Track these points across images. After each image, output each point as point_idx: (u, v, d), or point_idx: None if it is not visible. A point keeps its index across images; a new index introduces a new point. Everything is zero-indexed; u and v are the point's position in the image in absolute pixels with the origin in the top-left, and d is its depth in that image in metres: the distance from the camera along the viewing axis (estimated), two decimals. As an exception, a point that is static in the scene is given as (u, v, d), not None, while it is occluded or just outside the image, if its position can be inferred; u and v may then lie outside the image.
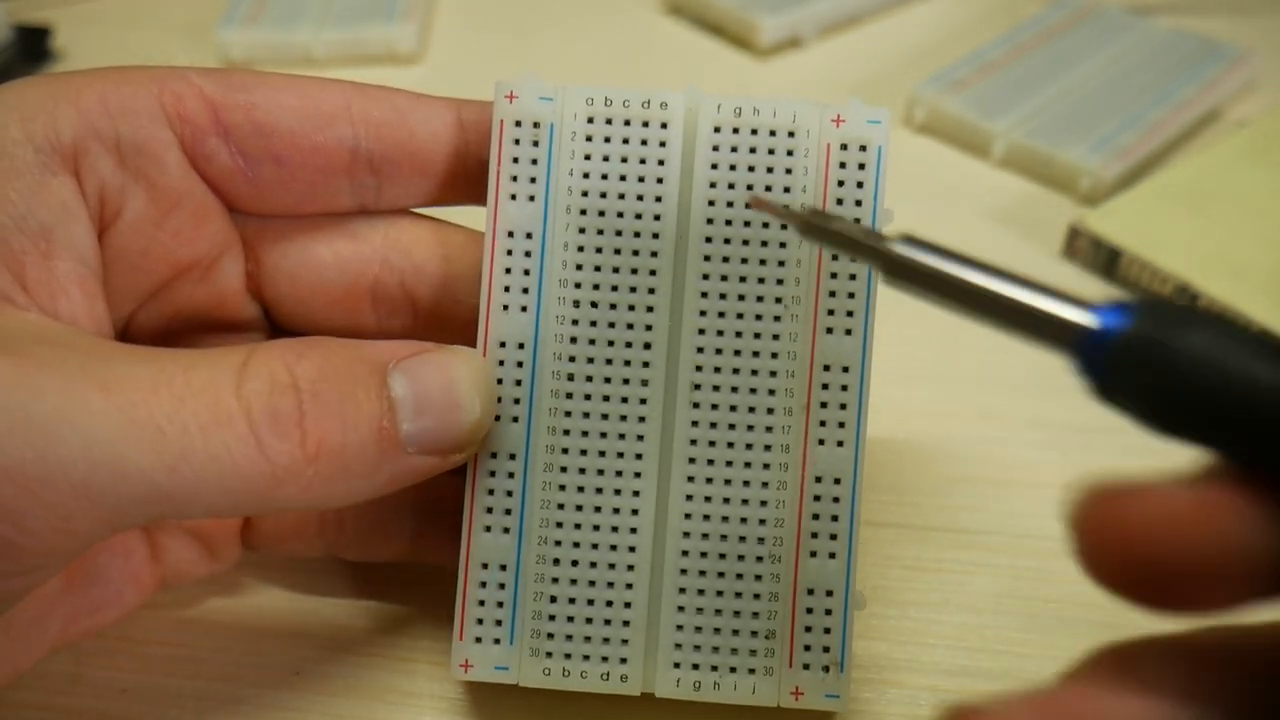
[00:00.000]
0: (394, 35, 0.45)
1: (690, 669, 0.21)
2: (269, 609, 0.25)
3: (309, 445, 0.18)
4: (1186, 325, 0.13)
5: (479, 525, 0.21)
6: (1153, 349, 0.13)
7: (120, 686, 0.23)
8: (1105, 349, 0.13)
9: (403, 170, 0.22)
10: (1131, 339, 0.13)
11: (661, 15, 0.49)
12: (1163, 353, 0.13)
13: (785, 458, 0.21)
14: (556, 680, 0.21)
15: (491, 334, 0.21)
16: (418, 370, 0.19)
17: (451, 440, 0.19)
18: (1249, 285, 0.32)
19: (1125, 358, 0.13)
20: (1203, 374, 0.13)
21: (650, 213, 0.21)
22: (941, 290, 0.15)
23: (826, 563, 0.21)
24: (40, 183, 0.19)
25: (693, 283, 0.21)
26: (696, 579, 0.21)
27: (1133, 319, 0.13)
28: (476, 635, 0.21)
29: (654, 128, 0.21)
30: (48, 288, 0.19)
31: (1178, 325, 0.13)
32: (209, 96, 0.21)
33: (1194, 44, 0.44)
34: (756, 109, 0.21)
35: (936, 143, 0.42)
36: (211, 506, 0.17)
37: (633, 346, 0.21)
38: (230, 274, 0.22)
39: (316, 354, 0.18)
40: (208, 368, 0.17)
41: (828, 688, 0.21)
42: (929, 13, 0.49)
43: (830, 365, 0.21)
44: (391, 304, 0.23)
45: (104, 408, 0.16)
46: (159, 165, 0.21)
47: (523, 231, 0.21)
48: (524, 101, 0.21)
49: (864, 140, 0.21)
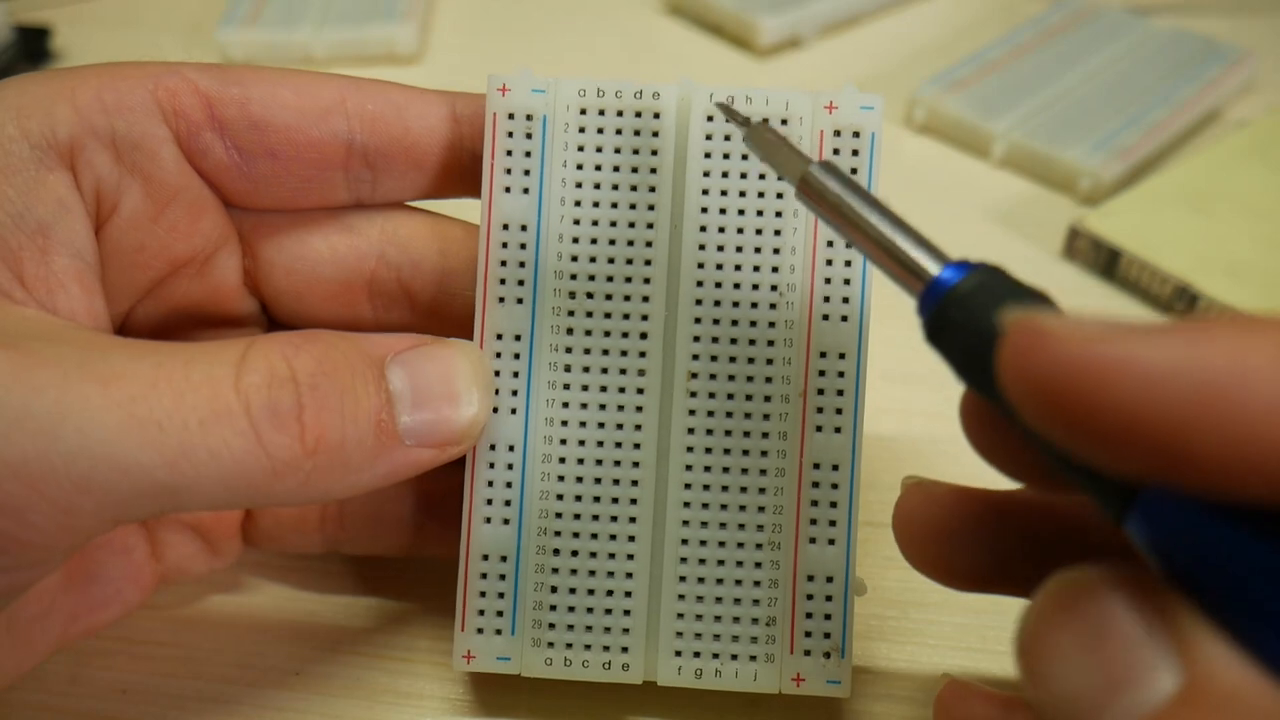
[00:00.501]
0: (394, 35, 0.45)
1: (692, 657, 0.21)
2: (269, 609, 0.25)
3: (308, 439, 0.18)
4: (1002, 293, 0.15)
5: (479, 517, 0.21)
6: (965, 305, 0.15)
7: (120, 687, 0.23)
8: (935, 297, 0.15)
9: (398, 164, 0.22)
10: (954, 293, 0.15)
11: (661, 15, 0.49)
12: (969, 310, 0.15)
13: (783, 445, 0.21)
14: (558, 670, 0.21)
15: (488, 326, 0.21)
16: (416, 363, 0.19)
17: (450, 433, 0.19)
18: (1249, 285, 0.32)
19: (946, 308, 0.15)
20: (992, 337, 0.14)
21: (644, 203, 0.21)
22: (832, 213, 0.17)
23: (826, 549, 0.21)
24: (37, 179, 0.19)
25: (688, 272, 0.21)
26: (696, 567, 0.21)
27: (964, 277, 0.15)
28: (478, 626, 0.21)
29: (646, 118, 0.21)
30: (46, 283, 0.19)
31: (994, 291, 0.15)
32: (204, 91, 0.21)
33: (1194, 44, 0.44)
34: (749, 98, 0.21)
35: (936, 143, 0.42)
36: (211, 500, 0.17)
37: (629, 337, 0.21)
38: (227, 269, 0.22)
39: (314, 347, 0.18)
40: (206, 362, 0.17)
41: (829, 674, 0.21)
42: (929, 13, 0.49)
43: (826, 352, 0.21)
44: (388, 298, 0.23)
45: (104, 403, 0.16)
46: (155, 160, 0.21)
47: (517, 223, 0.21)
48: (516, 94, 0.21)
49: (857, 127, 0.21)
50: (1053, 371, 0.12)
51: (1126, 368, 0.12)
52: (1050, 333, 0.12)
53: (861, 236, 0.16)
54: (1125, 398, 0.12)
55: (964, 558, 0.19)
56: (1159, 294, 0.33)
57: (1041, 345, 0.12)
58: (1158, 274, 0.33)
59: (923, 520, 0.19)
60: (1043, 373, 0.12)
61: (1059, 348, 0.12)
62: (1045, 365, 0.12)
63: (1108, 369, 0.12)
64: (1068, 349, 0.12)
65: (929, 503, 0.19)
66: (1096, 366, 0.12)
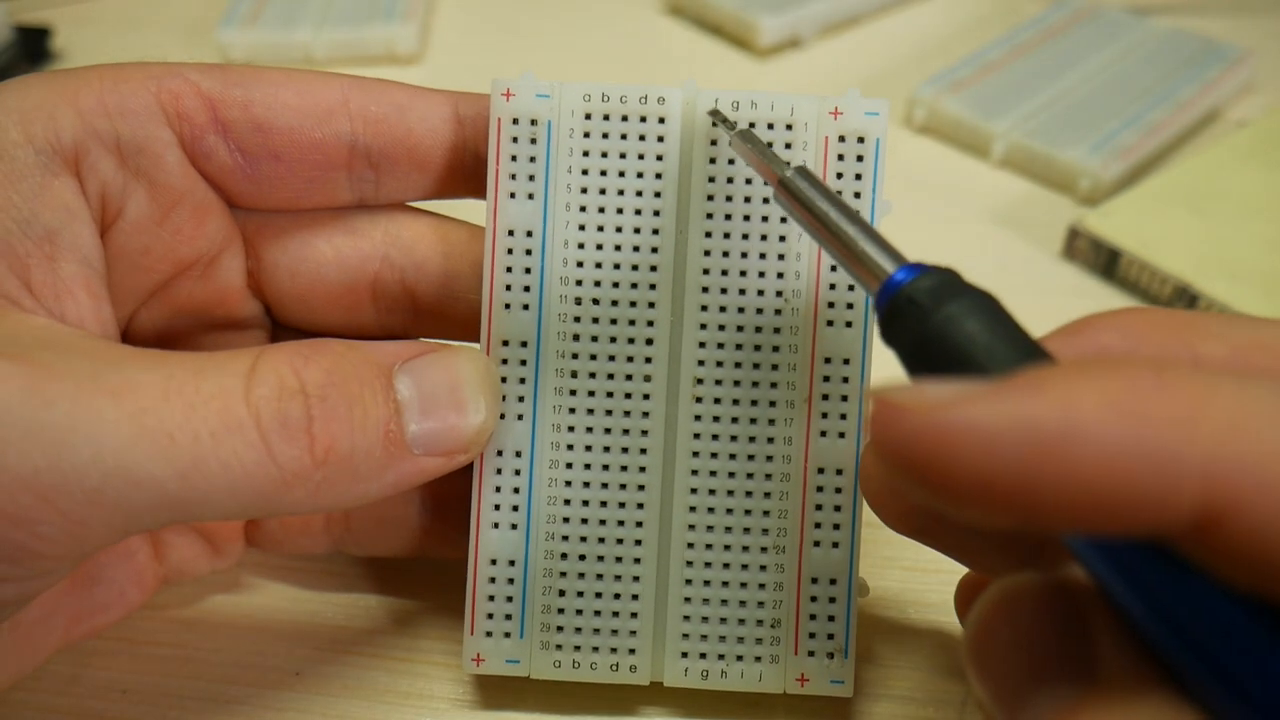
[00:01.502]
0: (394, 35, 0.45)
1: (698, 658, 0.21)
2: (269, 609, 0.25)
3: (317, 450, 0.18)
4: (950, 295, 0.15)
5: (487, 522, 0.21)
6: (914, 305, 0.15)
7: (121, 687, 0.23)
8: (888, 296, 0.16)
9: (401, 165, 0.22)
10: (905, 293, 0.16)
11: (661, 15, 0.49)
12: (918, 310, 0.15)
13: (788, 450, 0.21)
14: (567, 672, 0.21)
15: (494, 333, 0.21)
16: (423, 371, 0.19)
17: (457, 441, 0.19)
18: (1248, 286, 0.32)
19: (896, 307, 0.16)
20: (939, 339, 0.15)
21: (650, 208, 0.21)
22: (804, 214, 0.18)
23: (830, 552, 0.21)
24: (42, 185, 0.19)
25: (694, 277, 0.21)
26: (702, 570, 0.21)
27: (914, 278, 0.16)
28: (487, 630, 0.21)
29: (651, 123, 0.21)
30: (53, 290, 0.19)
31: (941, 294, 0.15)
32: (206, 93, 0.21)
33: (1194, 44, 0.44)
34: (754, 102, 0.21)
35: (936, 143, 0.42)
36: (222, 511, 0.18)
37: (635, 343, 0.21)
38: (231, 271, 0.22)
39: (323, 358, 0.18)
40: (216, 374, 0.17)
41: (833, 674, 0.21)
42: (929, 13, 0.49)
43: (831, 358, 0.21)
44: (392, 300, 0.23)
45: (115, 415, 0.16)
46: (159, 164, 0.21)
47: (523, 229, 0.21)
48: (521, 99, 0.21)
49: (862, 132, 0.21)
50: (907, 442, 0.13)
51: (968, 431, 0.12)
52: (902, 405, 0.13)
53: (828, 236, 0.18)
54: (971, 460, 0.12)
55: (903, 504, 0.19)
56: (1159, 294, 0.33)
57: (897, 418, 0.13)
58: (1157, 274, 0.33)
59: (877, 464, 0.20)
60: (899, 443, 0.13)
61: (910, 419, 0.13)
62: (901, 437, 0.13)
63: (952, 434, 0.13)
64: (916, 419, 0.13)
65: None
66: (943, 433, 0.13)
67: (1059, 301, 0.34)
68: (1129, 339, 0.16)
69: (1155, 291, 0.33)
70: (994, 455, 0.12)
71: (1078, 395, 0.12)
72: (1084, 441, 0.12)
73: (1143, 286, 0.34)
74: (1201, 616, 0.13)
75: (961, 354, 0.15)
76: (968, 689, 0.23)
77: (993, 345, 0.15)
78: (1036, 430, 0.12)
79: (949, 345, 0.15)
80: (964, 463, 0.12)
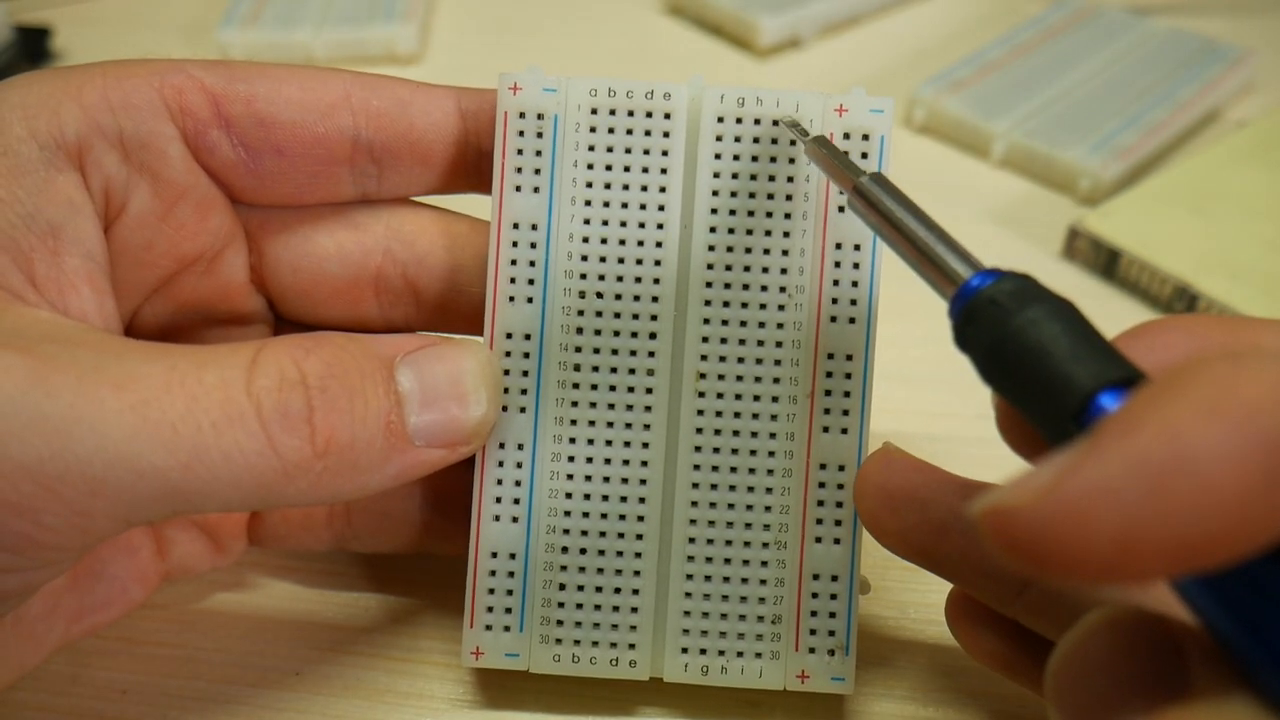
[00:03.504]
0: (394, 35, 0.45)
1: (698, 654, 0.21)
2: (269, 608, 0.25)
3: (318, 441, 0.18)
4: (1029, 301, 0.15)
5: (488, 515, 0.21)
6: (995, 306, 0.15)
7: (121, 687, 0.23)
8: (963, 301, 0.16)
9: (403, 159, 0.22)
10: (985, 295, 0.15)
11: (661, 15, 0.49)
12: (999, 312, 0.15)
13: (790, 445, 0.21)
14: (566, 666, 0.21)
15: (498, 325, 0.21)
16: (424, 364, 0.19)
17: (459, 433, 0.20)
18: (1249, 286, 0.32)
19: (975, 309, 0.16)
20: (1018, 342, 0.15)
21: (655, 203, 0.21)
22: (879, 220, 0.18)
23: (831, 548, 0.21)
24: (46, 180, 0.19)
25: (697, 273, 0.21)
26: (703, 565, 0.21)
27: (995, 282, 0.15)
28: (487, 623, 0.21)
29: (657, 118, 0.21)
30: (57, 285, 0.19)
31: (1022, 298, 0.15)
32: (209, 89, 0.21)
33: (1194, 44, 0.44)
34: (760, 99, 0.21)
35: (936, 143, 0.42)
36: (224, 502, 0.18)
37: (638, 336, 0.21)
38: (234, 266, 0.22)
39: (324, 350, 0.18)
40: (218, 365, 0.17)
41: (833, 671, 0.21)
42: (929, 13, 0.49)
43: (834, 353, 0.21)
44: (394, 294, 0.23)
45: (118, 406, 0.16)
46: (162, 159, 0.21)
47: (528, 223, 0.21)
48: (528, 93, 0.21)
49: (867, 129, 0.21)
50: (1034, 540, 0.12)
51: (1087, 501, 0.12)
52: (1011, 507, 0.12)
53: (903, 242, 0.18)
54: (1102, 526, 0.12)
55: (898, 522, 0.20)
56: (1159, 294, 0.33)
57: (1012, 523, 0.12)
58: (1157, 274, 0.33)
59: (875, 479, 0.20)
60: (1028, 545, 0.12)
61: (1026, 517, 0.12)
62: (1028, 538, 0.12)
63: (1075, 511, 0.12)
64: (1032, 514, 0.12)
65: (887, 465, 0.20)
66: (1065, 515, 0.12)
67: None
68: (1192, 337, 0.16)
69: (1155, 291, 0.34)
70: (1123, 510, 0.12)
71: (1175, 416, 0.12)
72: (1202, 459, 0.12)
73: (1143, 286, 0.34)
74: None
75: (1043, 356, 0.14)
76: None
77: (1074, 348, 0.14)
78: (1154, 466, 0.12)
79: (1030, 348, 0.15)
80: (1098, 531, 0.12)
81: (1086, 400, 0.14)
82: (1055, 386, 0.14)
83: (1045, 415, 0.14)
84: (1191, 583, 0.13)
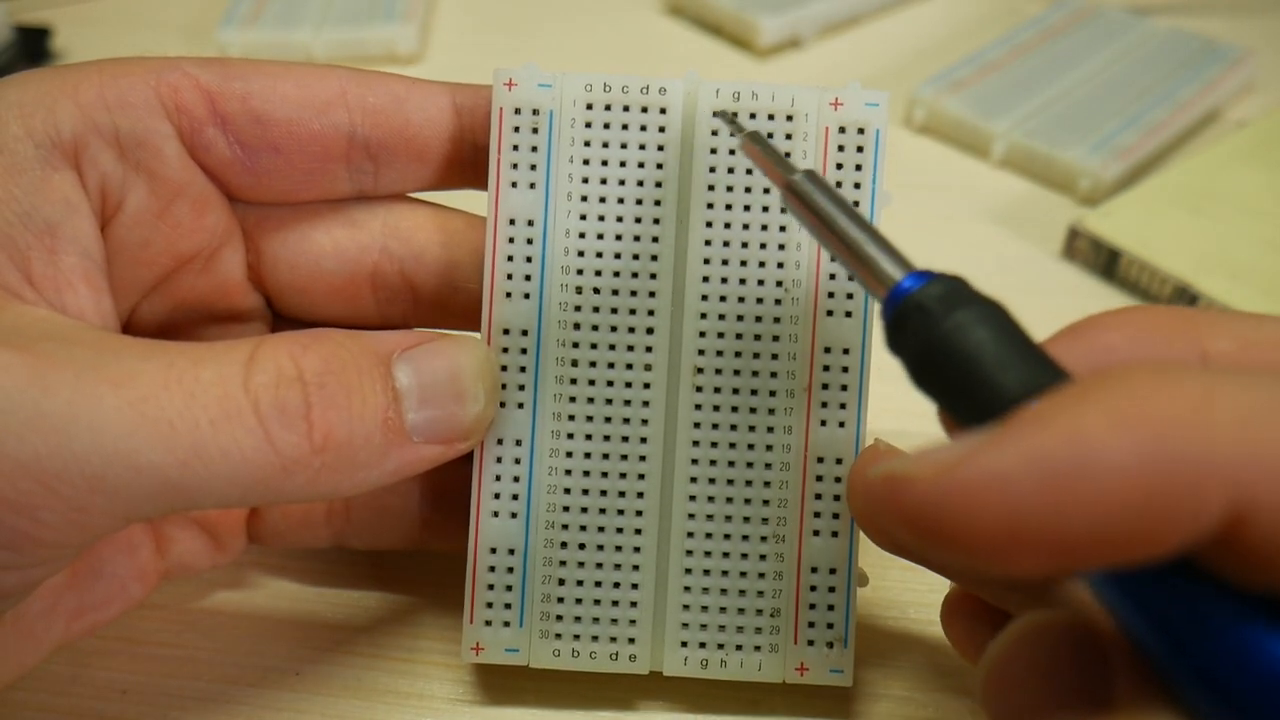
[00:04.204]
0: (394, 35, 0.45)
1: (697, 647, 0.21)
2: (269, 607, 0.25)
3: (316, 437, 0.18)
4: (959, 303, 0.15)
5: (486, 511, 0.21)
6: (922, 312, 0.15)
7: (120, 687, 0.23)
8: (895, 303, 0.16)
9: (399, 156, 0.22)
10: (913, 300, 0.15)
11: (661, 15, 0.49)
12: (926, 317, 0.15)
13: (787, 439, 0.21)
14: (566, 661, 0.21)
15: (495, 321, 0.21)
16: (422, 360, 0.19)
17: (457, 429, 0.20)
18: (1248, 286, 0.32)
19: (904, 314, 0.16)
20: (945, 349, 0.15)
21: (651, 198, 0.21)
22: (812, 219, 0.18)
23: (829, 541, 0.21)
24: (43, 178, 0.19)
25: (694, 267, 0.21)
26: (702, 559, 0.21)
27: (924, 285, 0.15)
28: (486, 619, 0.21)
29: (653, 113, 0.21)
30: (54, 283, 0.19)
31: (950, 303, 0.15)
32: (205, 86, 0.21)
33: (1194, 44, 0.44)
34: (755, 93, 0.21)
35: (936, 143, 0.42)
36: (222, 498, 0.18)
37: (636, 331, 0.21)
38: (231, 264, 0.23)
39: (321, 346, 0.18)
40: (215, 362, 0.17)
41: (832, 663, 0.21)
42: (929, 13, 0.49)
43: (831, 347, 0.21)
44: (392, 290, 0.23)
45: (116, 403, 0.16)
46: (159, 157, 0.21)
47: (524, 219, 0.21)
48: (523, 89, 0.21)
49: (862, 123, 0.21)
50: (924, 510, 0.13)
51: (981, 485, 0.12)
52: (909, 476, 0.13)
53: (835, 241, 0.17)
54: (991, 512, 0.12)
55: None
56: (1159, 294, 0.33)
57: (906, 490, 0.13)
58: (1157, 274, 0.33)
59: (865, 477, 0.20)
60: (916, 513, 0.13)
61: (920, 488, 0.13)
62: (916, 506, 0.13)
63: (967, 491, 0.12)
64: (927, 486, 0.13)
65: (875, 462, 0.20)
66: (957, 493, 0.12)
67: (1059, 301, 0.34)
68: (1133, 339, 0.16)
69: (1155, 291, 0.33)
70: (1013, 501, 0.12)
71: (1083, 420, 0.12)
72: (1101, 466, 0.12)
73: (1143, 286, 0.34)
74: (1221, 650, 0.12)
75: (970, 362, 0.15)
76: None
77: (1001, 354, 0.14)
78: (1051, 465, 0.12)
79: (957, 353, 0.15)
80: (985, 516, 0.12)
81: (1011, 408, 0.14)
82: (982, 394, 0.14)
83: (974, 421, 0.14)
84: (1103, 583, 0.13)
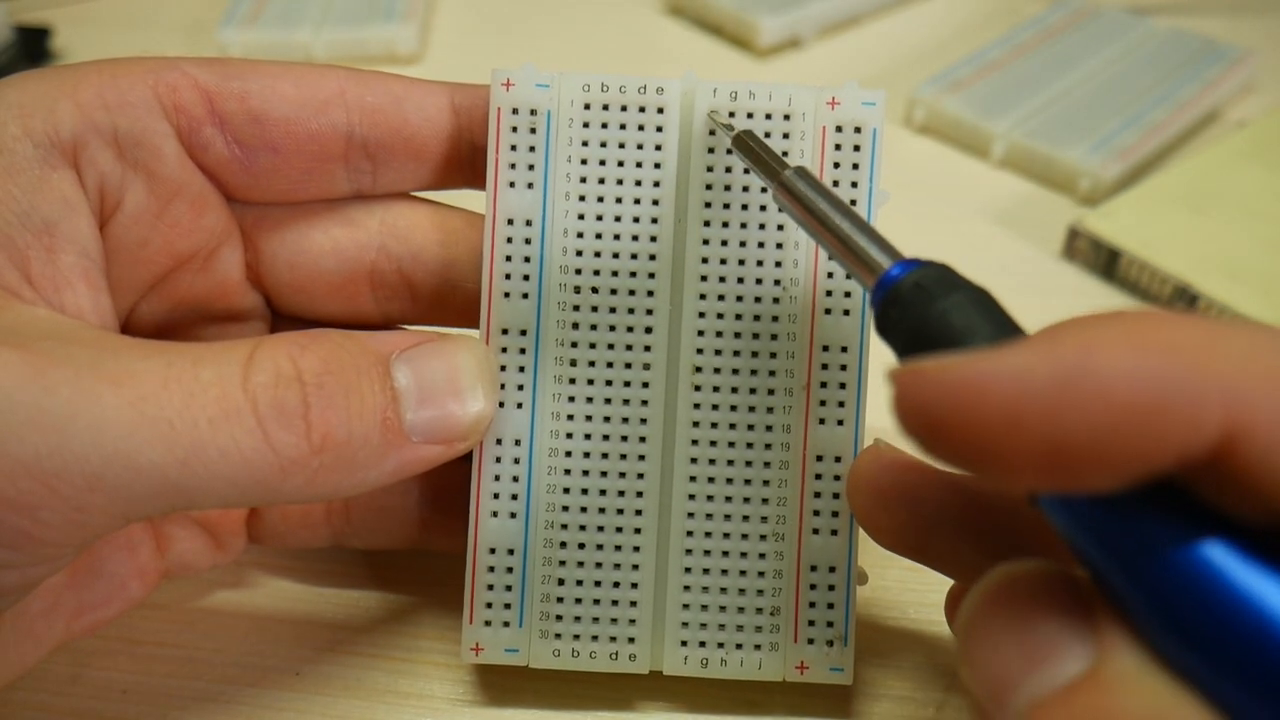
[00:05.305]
0: (394, 35, 0.45)
1: (697, 646, 0.21)
2: (269, 607, 0.25)
3: (314, 437, 0.18)
4: (948, 288, 0.15)
5: (486, 511, 0.21)
6: (912, 296, 0.16)
7: (121, 687, 0.23)
8: (883, 291, 0.16)
9: (398, 155, 0.22)
10: (903, 284, 0.16)
11: (661, 15, 0.49)
12: (916, 302, 0.16)
13: (786, 437, 0.21)
14: (566, 661, 0.21)
15: (494, 321, 0.21)
16: (420, 360, 0.19)
17: (456, 429, 0.20)
18: (1248, 286, 0.32)
19: (894, 298, 0.16)
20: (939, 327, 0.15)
21: (649, 197, 0.21)
22: (802, 213, 0.18)
23: (829, 540, 0.21)
24: (41, 178, 0.19)
25: (693, 266, 0.21)
26: (701, 558, 0.21)
27: (913, 271, 0.16)
28: (486, 619, 0.21)
29: (651, 113, 0.21)
30: (53, 282, 0.19)
31: (944, 285, 0.15)
32: (203, 86, 0.21)
33: (1194, 44, 0.44)
34: (752, 93, 0.21)
35: (936, 143, 0.42)
36: (221, 498, 0.18)
37: (634, 331, 0.21)
38: (230, 263, 0.23)
39: (320, 346, 0.18)
40: (214, 362, 0.18)
41: (832, 661, 0.21)
42: (929, 13, 0.49)
43: (829, 345, 0.21)
44: (390, 289, 0.23)
45: (115, 403, 0.16)
46: (157, 157, 0.21)
47: (522, 219, 0.21)
48: (521, 89, 0.21)
49: (859, 122, 0.21)
50: (936, 401, 0.13)
51: (994, 379, 0.13)
52: (925, 370, 0.13)
53: (825, 234, 0.18)
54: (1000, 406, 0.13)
55: (891, 519, 0.20)
56: (1159, 294, 0.33)
57: (921, 382, 0.13)
58: (1157, 274, 0.33)
59: (866, 477, 0.20)
60: (928, 405, 0.13)
61: (936, 378, 0.13)
62: (929, 398, 0.13)
63: (980, 384, 0.13)
64: (942, 377, 0.13)
65: (877, 462, 0.20)
66: (970, 385, 0.13)
67: (1059, 301, 0.34)
68: None
69: (1155, 291, 0.34)
70: (1021, 397, 0.13)
71: (1098, 335, 0.13)
72: (1109, 372, 0.12)
73: (1143, 287, 0.34)
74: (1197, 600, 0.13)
75: (959, 344, 0.15)
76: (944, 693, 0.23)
77: (991, 335, 0.15)
78: (1062, 366, 0.13)
79: (947, 335, 0.15)
80: (990, 407, 0.13)
81: None
82: None
83: None
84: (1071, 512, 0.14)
